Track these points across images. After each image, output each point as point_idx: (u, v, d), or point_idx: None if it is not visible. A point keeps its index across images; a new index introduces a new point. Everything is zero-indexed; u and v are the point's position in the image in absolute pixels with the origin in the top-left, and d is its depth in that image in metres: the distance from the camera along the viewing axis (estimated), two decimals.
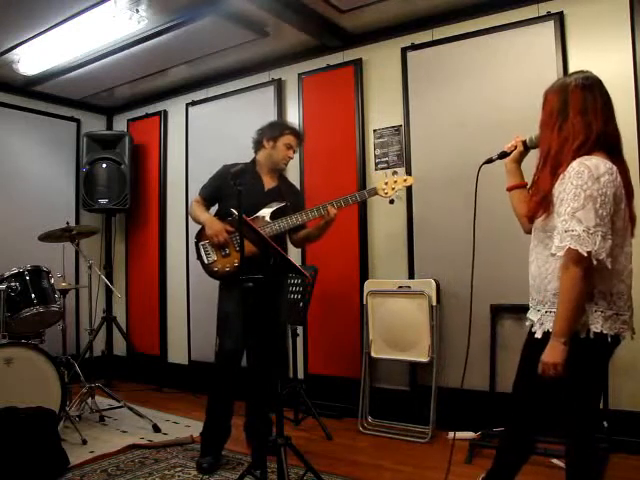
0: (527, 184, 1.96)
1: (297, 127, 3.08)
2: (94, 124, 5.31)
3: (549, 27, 3.19)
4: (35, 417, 2.76)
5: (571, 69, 3.16)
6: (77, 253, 4.18)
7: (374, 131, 3.86)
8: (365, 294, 3.59)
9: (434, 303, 3.38)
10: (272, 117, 4.19)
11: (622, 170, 1.73)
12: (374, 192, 2.88)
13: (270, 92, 4.30)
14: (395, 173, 2.86)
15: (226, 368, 2.87)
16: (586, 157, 1.67)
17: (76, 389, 3.74)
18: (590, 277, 1.66)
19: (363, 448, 3.21)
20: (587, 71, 1.81)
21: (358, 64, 3.89)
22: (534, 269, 1.85)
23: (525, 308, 1.98)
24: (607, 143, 1.73)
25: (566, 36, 3.17)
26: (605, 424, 2.84)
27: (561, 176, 1.69)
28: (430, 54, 3.62)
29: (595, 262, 1.62)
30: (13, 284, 3.41)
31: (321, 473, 2.46)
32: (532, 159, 1.93)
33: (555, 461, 2.78)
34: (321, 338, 3.99)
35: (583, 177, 1.62)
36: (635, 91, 2.97)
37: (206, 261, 2.90)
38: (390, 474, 2.77)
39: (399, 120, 3.75)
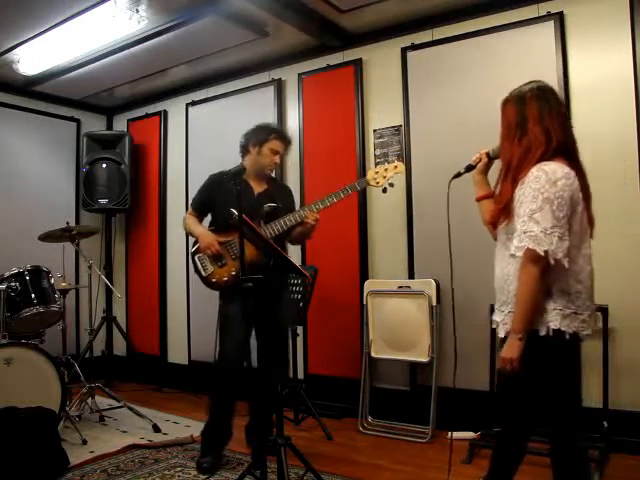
0: (494, 194, 2.02)
1: (284, 131, 3.02)
2: (94, 124, 5.31)
3: (549, 27, 3.19)
4: (35, 417, 2.76)
5: (571, 69, 3.16)
6: (77, 253, 4.18)
7: (374, 131, 3.86)
8: (365, 294, 3.59)
9: (434, 303, 3.38)
10: (272, 117, 4.20)
11: (579, 174, 1.80)
12: (365, 183, 2.85)
13: (270, 92, 4.30)
14: (385, 162, 2.83)
15: (226, 372, 2.87)
16: (545, 163, 1.74)
17: (76, 389, 3.74)
18: (547, 276, 1.72)
19: (363, 448, 3.22)
20: (540, 80, 1.90)
21: (358, 64, 3.89)
22: (498, 271, 1.92)
23: None
24: (566, 149, 1.81)
25: (566, 36, 3.17)
26: (605, 424, 2.85)
27: (521, 181, 1.78)
28: (430, 54, 3.62)
29: (552, 261, 1.69)
30: (13, 284, 3.41)
31: (321, 473, 2.47)
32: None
33: None
34: (321, 338, 3.99)
35: (541, 181, 1.70)
36: (635, 91, 2.97)
37: (204, 273, 2.89)
38: (390, 474, 2.77)
39: (399, 120, 3.75)
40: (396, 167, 2.83)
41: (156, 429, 3.46)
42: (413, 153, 3.66)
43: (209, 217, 3.08)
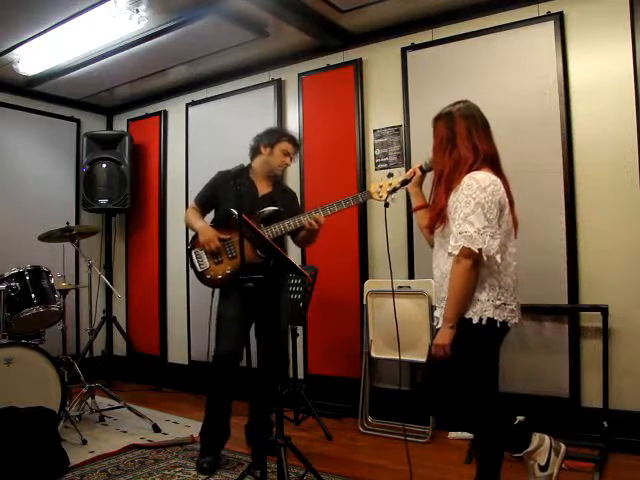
0: (429, 204, 2.23)
1: (294, 134, 3.07)
2: (94, 124, 5.31)
3: (549, 27, 3.19)
4: (35, 417, 2.75)
5: (571, 69, 3.17)
6: (77, 253, 4.18)
7: (374, 131, 3.86)
8: (365, 294, 3.59)
9: (434, 303, 3.37)
10: (272, 117, 4.20)
11: (503, 181, 2.03)
12: (368, 196, 2.80)
13: (270, 92, 4.30)
14: (391, 175, 2.79)
15: (222, 371, 2.87)
16: (475, 172, 1.98)
17: (76, 389, 3.74)
18: (481, 271, 1.94)
19: (363, 448, 3.22)
20: (467, 100, 2.12)
21: (358, 64, 3.90)
22: (437, 272, 2.11)
23: (524, 308, 2.12)
24: (491, 160, 2.05)
25: (566, 36, 3.17)
26: (605, 424, 2.85)
27: (454, 190, 2.00)
28: (430, 54, 3.62)
29: (485, 258, 1.90)
30: (13, 284, 3.41)
31: (321, 473, 2.46)
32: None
33: None
34: (321, 338, 3.99)
35: (472, 188, 1.93)
36: (635, 91, 2.97)
37: (199, 268, 2.90)
38: (390, 474, 2.77)
39: (399, 120, 3.75)
40: None
41: (156, 429, 3.46)
42: (413, 153, 3.66)
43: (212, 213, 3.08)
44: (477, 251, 1.88)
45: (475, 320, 1.94)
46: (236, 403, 2.94)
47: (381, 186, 2.77)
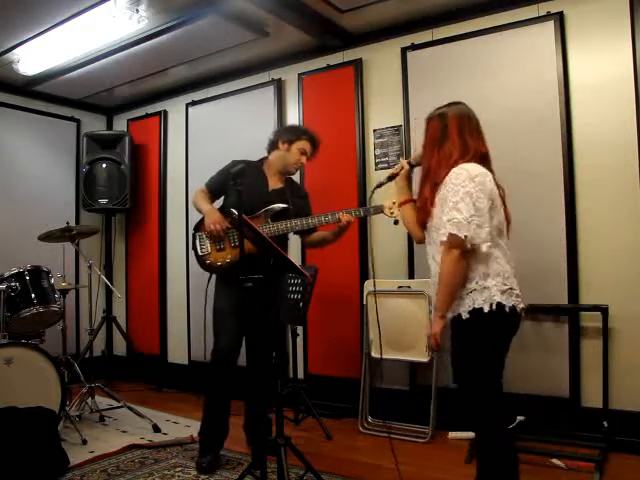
0: (416, 199, 2.26)
1: (315, 135, 3.04)
2: (94, 124, 5.31)
3: (549, 27, 3.19)
4: (35, 417, 2.76)
5: (571, 69, 3.17)
6: (77, 253, 4.18)
7: (374, 131, 3.86)
8: (365, 294, 3.59)
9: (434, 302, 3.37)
10: (272, 117, 4.21)
11: (493, 177, 2.05)
12: (380, 210, 2.76)
13: (270, 92, 4.30)
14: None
15: (220, 366, 2.87)
16: (464, 164, 2.00)
17: (76, 389, 3.74)
18: (468, 260, 1.94)
19: (363, 448, 3.22)
20: (460, 102, 2.16)
21: (358, 64, 3.90)
22: (436, 267, 2.05)
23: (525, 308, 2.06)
24: (480, 156, 2.06)
25: (566, 36, 3.17)
26: (605, 424, 2.85)
27: (443, 182, 2.01)
28: (430, 54, 3.62)
29: (469, 246, 1.90)
30: (13, 284, 3.41)
31: (321, 473, 2.47)
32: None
33: (555, 461, 2.78)
34: (321, 338, 3.99)
35: (461, 177, 1.95)
36: (635, 91, 2.97)
37: (200, 252, 2.90)
38: (390, 474, 2.77)
39: (399, 120, 3.75)
40: None
41: (156, 429, 3.47)
42: (413, 153, 3.65)
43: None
44: (463, 237, 1.88)
45: (486, 309, 1.92)
46: (234, 402, 2.94)
47: (394, 203, 2.69)
